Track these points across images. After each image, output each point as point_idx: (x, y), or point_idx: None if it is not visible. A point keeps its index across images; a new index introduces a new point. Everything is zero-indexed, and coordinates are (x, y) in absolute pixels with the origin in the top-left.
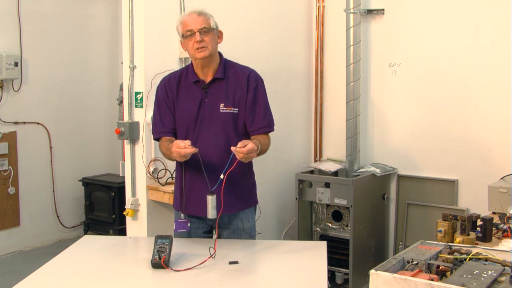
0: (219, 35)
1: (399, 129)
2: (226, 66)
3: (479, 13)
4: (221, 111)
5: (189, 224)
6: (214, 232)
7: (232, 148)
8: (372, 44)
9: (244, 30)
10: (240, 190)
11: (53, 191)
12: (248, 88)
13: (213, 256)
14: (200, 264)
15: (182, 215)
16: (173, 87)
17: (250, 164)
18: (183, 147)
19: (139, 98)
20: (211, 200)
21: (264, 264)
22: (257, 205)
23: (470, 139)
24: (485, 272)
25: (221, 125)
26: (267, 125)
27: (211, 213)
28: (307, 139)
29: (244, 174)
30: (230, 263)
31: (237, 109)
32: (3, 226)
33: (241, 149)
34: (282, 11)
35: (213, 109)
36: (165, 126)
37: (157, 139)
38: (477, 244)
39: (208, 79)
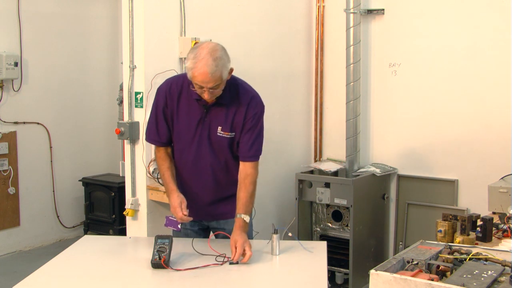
0: (230, 73)
1: (399, 129)
2: (229, 89)
3: (479, 13)
4: (218, 134)
5: (179, 225)
6: (211, 232)
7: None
8: (372, 44)
9: (244, 30)
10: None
11: (53, 191)
12: (246, 115)
13: (220, 264)
14: (204, 266)
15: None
16: (174, 97)
17: None
18: (180, 217)
19: (139, 98)
20: (276, 238)
21: (264, 264)
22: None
23: (470, 139)
24: (485, 272)
25: (218, 146)
26: (253, 155)
27: (275, 251)
28: (307, 139)
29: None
30: (230, 263)
31: (233, 133)
32: (3, 226)
33: (244, 259)
34: (282, 11)
35: (211, 130)
36: (160, 136)
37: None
38: (477, 244)
39: (211, 100)
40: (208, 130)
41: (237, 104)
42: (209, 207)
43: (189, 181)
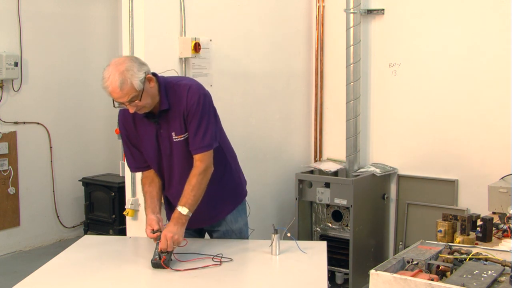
0: (149, 80)
1: (399, 129)
2: (167, 93)
3: (479, 13)
4: (175, 140)
5: None
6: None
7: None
8: (372, 44)
9: (244, 30)
10: (221, 196)
11: (53, 191)
12: (187, 108)
13: (219, 264)
14: (203, 267)
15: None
16: (129, 123)
17: (225, 164)
18: (150, 236)
19: None
20: (276, 238)
21: (263, 264)
22: (245, 201)
23: (470, 139)
24: (485, 272)
25: (180, 152)
26: (199, 147)
27: (275, 251)
28: (307, 139)
29: (220, 178)
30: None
31: (187, 134)
32: (3, 226)
33: (168, 248)
34: (282, 11)
35: (169, 138)
36: (137, 162)
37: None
38: (477, 244)
39: (156, 110)
40: (167, 140)
41: (179, 103)
42: (196, 215)
43: (170, 194)
